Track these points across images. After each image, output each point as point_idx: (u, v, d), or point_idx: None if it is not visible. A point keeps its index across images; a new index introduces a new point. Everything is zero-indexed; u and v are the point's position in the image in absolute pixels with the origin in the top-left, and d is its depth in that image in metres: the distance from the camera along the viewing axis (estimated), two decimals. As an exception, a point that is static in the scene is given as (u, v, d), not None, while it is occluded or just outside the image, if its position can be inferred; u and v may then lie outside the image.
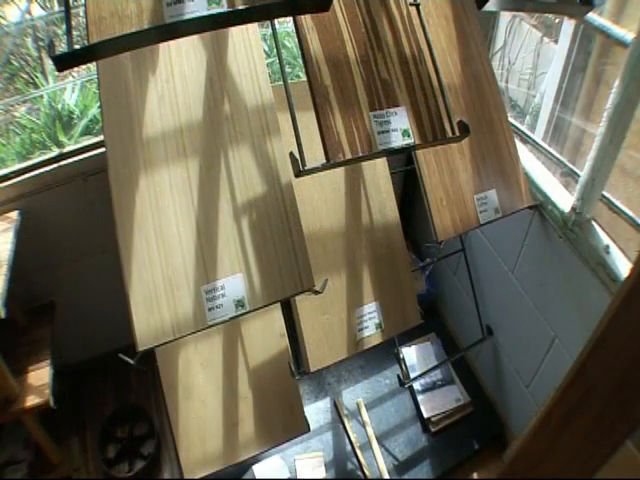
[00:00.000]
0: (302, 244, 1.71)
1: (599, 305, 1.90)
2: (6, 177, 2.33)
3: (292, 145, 1.49)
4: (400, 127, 1.53)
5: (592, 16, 1.97)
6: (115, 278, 1.66)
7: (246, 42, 1.74)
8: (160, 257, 1.60)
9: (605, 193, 2.09)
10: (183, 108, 1.66)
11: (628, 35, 1.86)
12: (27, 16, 3.10)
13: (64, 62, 1.13)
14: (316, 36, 1.48)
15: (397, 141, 1.52)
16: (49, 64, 3.93)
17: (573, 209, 2.10)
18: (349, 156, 1.45)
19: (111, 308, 2.18)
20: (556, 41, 2.78)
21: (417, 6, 1.72)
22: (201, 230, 1.63)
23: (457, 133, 1.64)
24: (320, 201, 2.00)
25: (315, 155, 1.48)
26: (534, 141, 2.58)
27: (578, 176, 2.11)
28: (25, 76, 3.95)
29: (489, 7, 1.66)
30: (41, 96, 3.06)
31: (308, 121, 1.52)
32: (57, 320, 2.64)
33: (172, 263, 1.60)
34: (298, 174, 1.45)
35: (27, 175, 2.35)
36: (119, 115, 1.64)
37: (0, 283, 2.01)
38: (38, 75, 3.34)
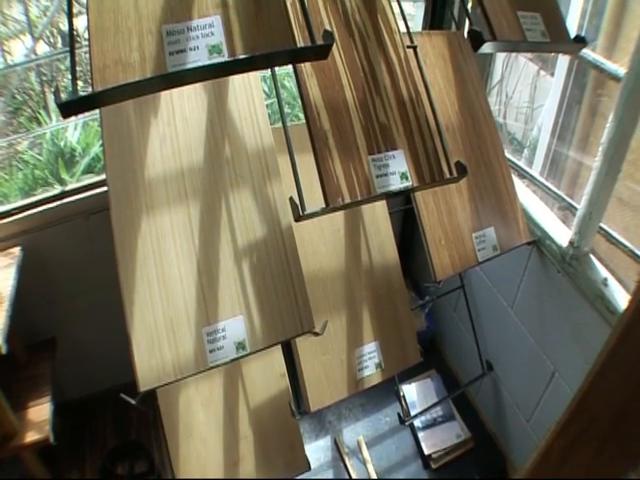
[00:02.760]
0: (302, 286, 1.72)
1: (598, 338, 1.90)
2: (9, 213, 2.34)
3: (293, 187, 1.50)
4: (398, 170, 1.54)
5: (586, 51, 2.00)
6: (116, 315, 1.66)
7: (246, 85, 1.77)
8: (161, 298, 1.61)
9: (603, 225, 2.10)
10: (184, 150, 1.68)
11: (620, 69, 1.89)
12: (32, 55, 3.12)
13: (69, 109, 1.14)
14: (315, 81, 1.50)
15: (395, 184, 1.53)
16: (51, 99, 3.97)
17: (571, 243, 2.12)
18: (348, 200, 1.46)
19: (112, 344, 2.18)
20: (552, 74, 2.81)
21: (414, 48, 1.75)
22: (202, 272, 1.65)
23: (455, 174, 1.65)
24: (320, 243, 2.02)
25: (315, 196, 1.49)
26: (531, 176, 2.60)
27: (576, 209, 2.13)
28: (28, 110, 3.98)
29: (484, 50, 1.68)
30: (44, 132, 3.09)
31: (308, 162, 1.52)
32: (58, 356, 2.64)
33: (173, 304, 1.61)
34: (298, 219, 1.47)
35: (29, 212, 2.37)
36: (121, 156, 1.66)
37: (1, 319, 2.01)
38: (41, 112, 3.38)
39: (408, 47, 1.71)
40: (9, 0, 4.89)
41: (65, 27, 4.63)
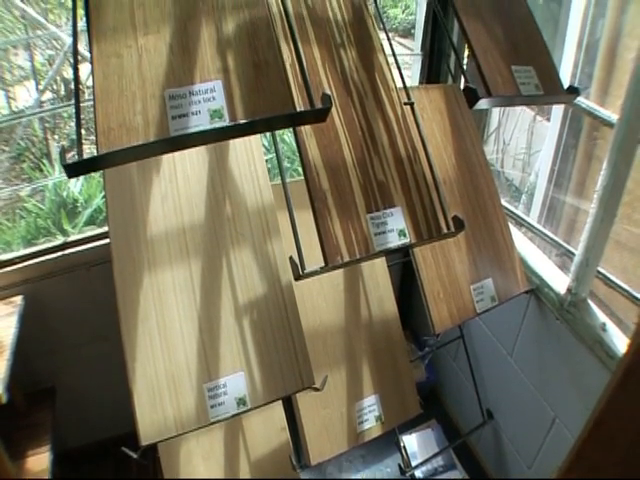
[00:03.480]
0: (302, 342, 1.74)
1: (598, 383, 1.89)
2: (11, 262, 2.36)
3: (293, 243, 1.53)
4: (396, 227, 1.56)
5: (580, 99, 2.02)
6: (117, 365, 1.68)
7: (247, 143, 1.81)
8: (163, 354, 1.63)
9: (600, 269, 2.11)
10: (186, 208, 1.71)
11: (613, 115, 1.92)
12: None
13: (74, 170, 1.16)
14: (314, 141, 1.53)
15: (394, 241, 1.55)
16: (54, 145, 4.03)
17: (569, 290, 2.13)
18: (347, 259, 1.47)
19: (112, 395, 2.19)
20: (548, 119, 2.85)
21: (411, 105, 1.78)
22: (203, 328, 1.66)
23: (452, 229, 1.67)
24: (320, 298, 2.04)
25: (315, 252, 1.51)
26: (529, 224, 2.62)
27: (573, 255, 2.14)
28: (31, 156, 4.03)
29: (480, 106, 1.71)
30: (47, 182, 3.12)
31: (308, 217, 1.54)
32: (58, 404, 2.63)
33: (175, 360, 1.63)
34: (298, 278, 1.49)
35: (32, 261, 2.39)
36: (124, 212, 1.69)
37: (2, 368, 2.01)
38: (44, 161, 3.41)
39: (405, 104, 1.74)
40: (15, 47, 4.98)
41: (68, 74, 4.71)
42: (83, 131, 1.19)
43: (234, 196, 1.75)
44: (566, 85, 1.90)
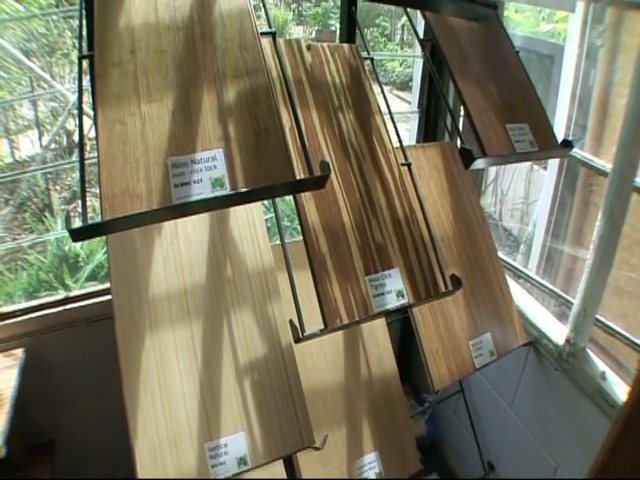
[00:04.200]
0: (302, 402, 1.75)
1: (599, 432, 1.90)
2: (13, 314, 2.37)
3: (293, 304, 1.54)
4: (394, 288, 1.58)
5: (574, 150, 2.05)
6: (116, 421, 1.69)
7: (247, 205, 1.83)
8: (164, 413, 1.63)
9: (599, 316, 2.12)
10: (187, 269, 1.73)
11: (607, 165, 1.95)
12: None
13: (79, 235, 1.18)
14: (313, 205, 1.56)
15: (392, 302, 1.57)
16: (56, 197, 4.07)
17: (567, 341, 2.13)
18: (346, 321, 1.49)
19: (112, 448, 2.19)
20: (545, 168, 2.88)
21: (408, 166, 1.82)
22: (204, 388, 1.68)
23: (450, 287, 1.69)
24: (320, 357, 2.05)
25: (314, 313, 1.52)
26: (527, 275, 2.64)
27: (572, 304, 2.15)
28: (33, 206, 4.05)
29: (476, 166, 1.74)
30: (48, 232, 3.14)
31: (307, 277, 1.56)
32: (57, 458, 2.62)
33: (176, 419, 1.64)
34: (297, 340, 1.50)
35: (33, 315, 2.40)
36: (126, 272, 1.71)
37: (2, 421, 2.01)
38: (46, 214, 3.43)
39: (402, 165, 1.77)
40: (20, 99, 5.05)
41: (70, 125, 4.76)
42: (92, 221, 1.20)
43: (234, 257, 1.77)
44: (560, 138, 1.93)
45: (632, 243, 2.18)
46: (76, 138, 4.76)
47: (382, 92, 1.93)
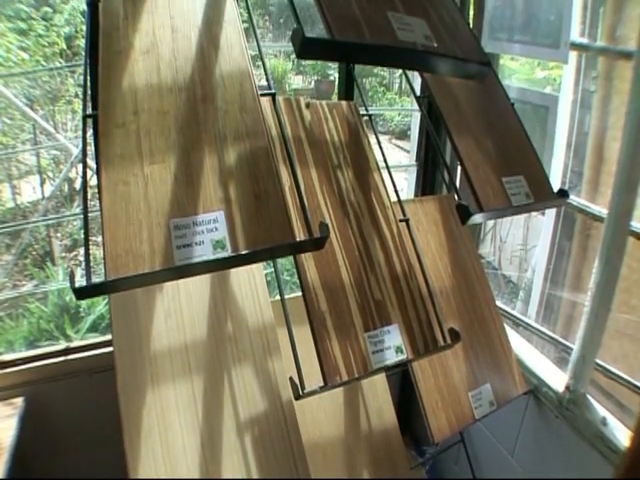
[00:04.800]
0: (302, 456, 1.76)
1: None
2: (13, 363, 2.37)
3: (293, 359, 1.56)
4: (393, 344, 1.60)
5: (571, 197, 2.07)
6: (115, 472, 1.70)
7: (247, 262, 1.86)
8: (166, 467, 1.64)
9: (599, 360, 2.13)
10: (188, 325, 1.75)
11: (603, 210, 1.98)
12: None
13: (83, 294, 1.20)
14: (313, 263, 1.58)
15: (391, 358, 1.59)
16: (57, 244, 4.09)
17: (567, 388, 2.14)
18: (346, 378, 1.51)
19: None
20: (543, 213, 2.90)
21: (407, 222, 1.84)
22: (205, 443, 1.68)
23: (449, 341, 1.71)
24: (319, 411, 2.06)
25: (314, 369, 1.54)
26: (526, 323, 2.65)
27: (572, 350, 2.16)
28: (34, 253, 4.07)
29: (473, 221, 1.76)
30: (50, 283, 3.15)
31: (308, 333, 1.58)
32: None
33: (177, 474, 1.65)
34: (297, 398, 1.51)
35: (34, 364, 2.41)
36: (128, 327, 1.73)
37: (0, 471, 2.00)
38: (47, 262, 3.45)
39: (401, 221, 1.80)
40: (23, 143, 5.11)
41: (71, 174, 4.80)
42: (96, 280, 1.22)
43: (235, 314, 1.79)
44: (557, 186, 1.95)
45: (631, 284, 2.20)
46: (77, 185, 4.83)
47: (380, 148, 1.97)
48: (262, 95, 1.49)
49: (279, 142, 1.60)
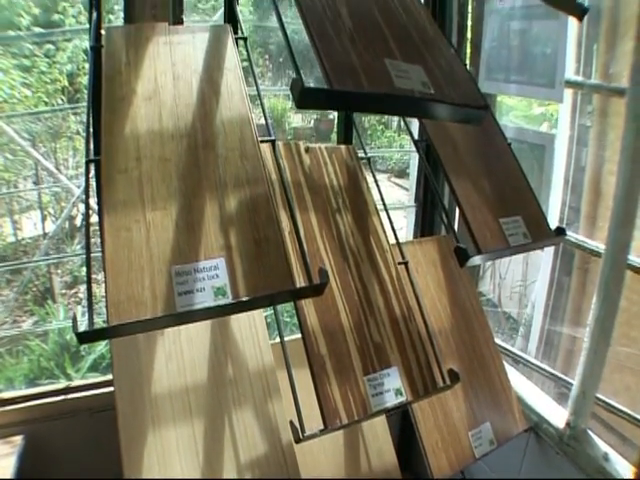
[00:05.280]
0: (303, 498, 1.76)
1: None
2: (13, 400, 2.37)
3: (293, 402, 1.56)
4: (393, 387, 1.61)
5: (569, 233, 2.09)
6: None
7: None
8: (167, 509, 1.64)
9: (601, 395, 2.12)
10: (189, 368, 1.76)
11: (601, 245, 1.99)
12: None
13: (86, 339, 1.21)
14: (313, 308, 1.60)
15: (391, 401, 1.60)
16: (57, 280, 4.11)
17: (567, 424, 2.14)
18: (346, 422, 1.52)
19: None
20: (543, 249, 2.92)
21: (406, 264, 1.86)
22: (206, 487, 1.69)
23: (448, 382, 1.72)
24: (320, 452, 2.05)
25: (315, 412, 1.55)
26: (526, 360, 2.65)
27: (572, 385, 2.16)
28: (34, 289, 4.08)
29: (471, 263, 1.78)
30: (50, 321, 3.16)
31: (308, 375, 1.59)
32: None
33: (177, 516, 1.65)
34: (298, 441, 1.52)
35: (34, 402, 2.40)
36: (129, 370, 1.74)
37: (-2, 512, 1.98)
38: (48, 300, 3.46)
39: (399, 264, 1.82)
40: (25, 179, 5.15)
41: (72, 211, 4.83)
42: (98, 326, 1.23)
43: (235, 357, 1.80)
44: (555, 222, 1.97)
45: (631, 317, 2.21)
46: (78, 222, 4.85)
47: (379, 191, 1.99)
48: (262, 141, 1.51)
49: (279, 186, 1.62)
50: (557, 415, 2.25)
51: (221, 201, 1.40)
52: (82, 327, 1.18)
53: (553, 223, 1.97)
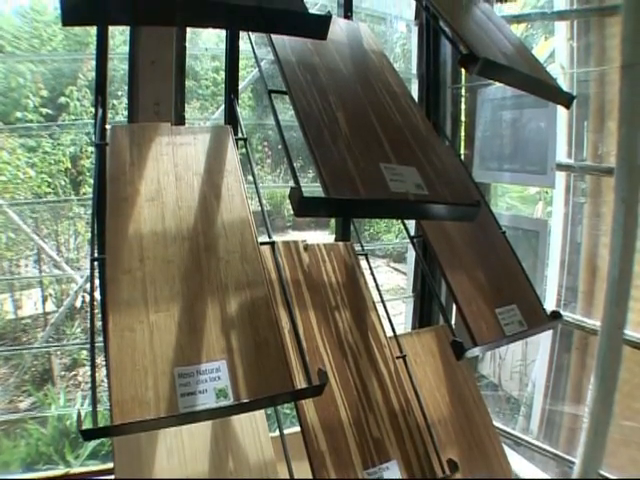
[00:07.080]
0: None
1: None
2: (9, 488, 2.37)
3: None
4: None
5: (566, 314, 2.12)
6: None
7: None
8: None
9: (604, 472, 2.12)
10: (190, 462, 1.76)
11: (597, 323, 2.02)
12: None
13: (90, 436, 1.23)
14: (312, 405, 1.63)
15: (392, 492, 1.62)
16: (56, 362, 4.12)
17: (570, 504, 2.14)
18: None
19: None
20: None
21: (404, 358, 1.90)
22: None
23: (447, 472, 1.74)
24: None
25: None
26: (527, 442, 2.66)
27: (574, 464, 2.16)
28: (32, 369, 4.09)
29: (468, 355, 1.81)
30: (50, 403, 3.17)
31: (307, 468, 1.61)
32: None
33: None
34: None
35: (31, 489, 2.39)
36: (130, 463, 1.72)
37: None
38: (47, 383, 3.47)
39: (397, 358, 1.85)
40: (27, 259, 5.21)
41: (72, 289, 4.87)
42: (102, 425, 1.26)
43: (236, 451, 1.80)
44: (553, 304, 1.99)
45: (633, 388, 2.22)
46: (78, 304, 4.87)
47: (377, 288, 2.04)
48: (262, 244, 1.57)
49: (279, 285, 1.66)
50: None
51: (222, 304, 1.44)
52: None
53: (550, 305, 2.01)
